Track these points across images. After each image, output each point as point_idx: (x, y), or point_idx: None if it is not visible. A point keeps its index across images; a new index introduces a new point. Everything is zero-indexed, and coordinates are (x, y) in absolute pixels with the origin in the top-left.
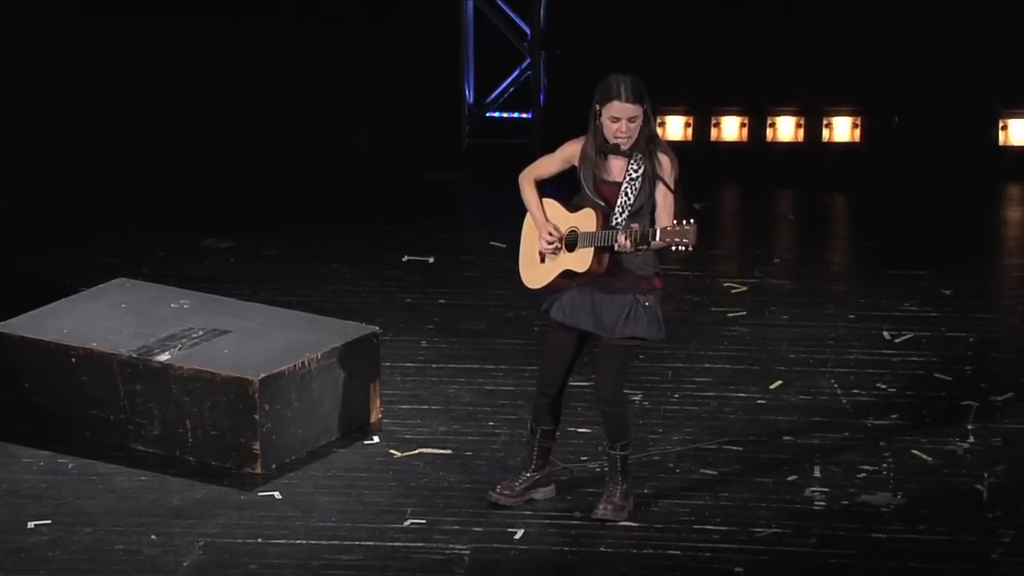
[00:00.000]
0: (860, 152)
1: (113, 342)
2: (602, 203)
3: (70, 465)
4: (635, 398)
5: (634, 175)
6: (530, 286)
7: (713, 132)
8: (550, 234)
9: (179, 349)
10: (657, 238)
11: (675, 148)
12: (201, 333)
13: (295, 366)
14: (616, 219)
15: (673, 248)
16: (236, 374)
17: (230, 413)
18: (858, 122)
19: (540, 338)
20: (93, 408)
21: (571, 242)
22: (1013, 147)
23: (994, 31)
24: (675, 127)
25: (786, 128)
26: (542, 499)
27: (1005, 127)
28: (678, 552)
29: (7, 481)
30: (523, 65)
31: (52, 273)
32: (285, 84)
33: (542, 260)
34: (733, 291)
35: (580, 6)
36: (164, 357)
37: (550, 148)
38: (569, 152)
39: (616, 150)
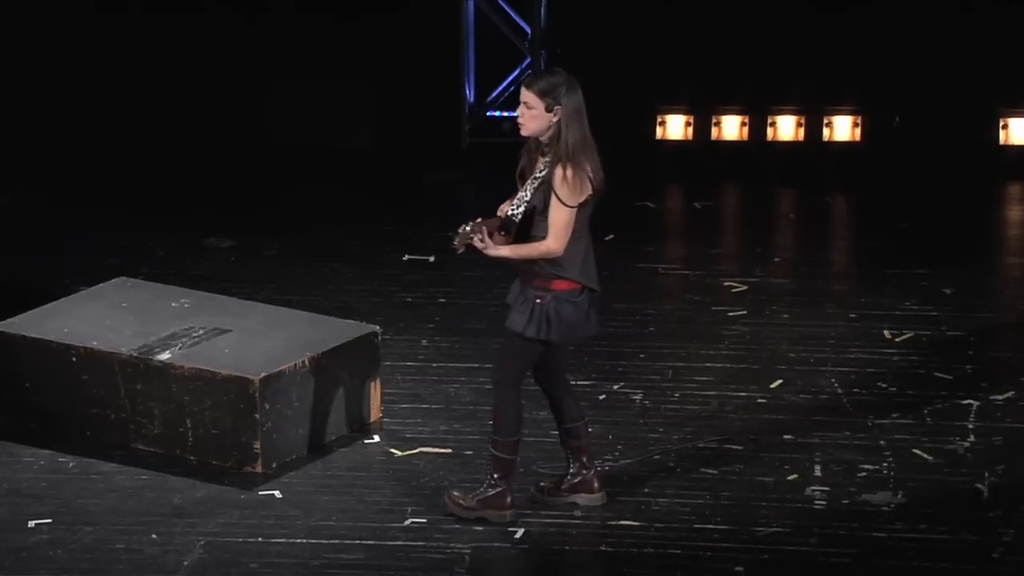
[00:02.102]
0: (861, 151)
1: (114, 341)
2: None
3: (71, 464)
4: (635, 397)
5: (538, 175)
6: None
7: (714, 131)
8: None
9: (180, 348)
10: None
11: (676, 147)
12: (202, 332)
13: (295, 365)
14: (511, 210)
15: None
16: (237, 373)
17: (231, 412)
18: (858, 121)
19: None
20: (94, 407)
21: None
22: (1013, 146)
23: (994, 31)
24: (676, 126)
25: (787, 127)
26: (585, 505)
27: (1005, 126)
28: (679, 551)
29: (8, 480)
30: (524, 64)
31: (52, 273)
32: (286, 84)
33: None
34: (734, 290)
35: (580, 6)
36: (165, 356)
37: None
38: None
39: (537, 143)
